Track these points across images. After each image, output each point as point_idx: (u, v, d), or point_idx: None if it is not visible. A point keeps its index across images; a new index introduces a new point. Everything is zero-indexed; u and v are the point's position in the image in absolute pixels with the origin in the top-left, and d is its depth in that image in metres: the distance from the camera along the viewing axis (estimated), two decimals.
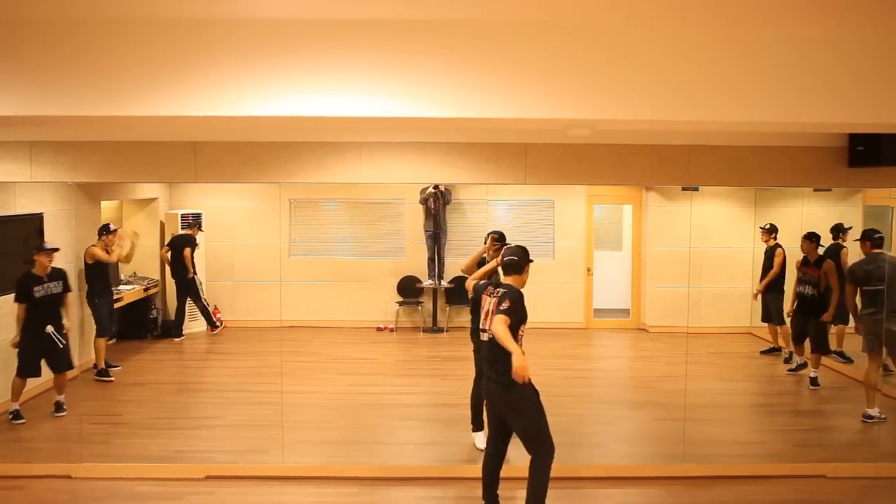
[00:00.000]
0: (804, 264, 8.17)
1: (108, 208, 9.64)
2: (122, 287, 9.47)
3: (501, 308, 4.47)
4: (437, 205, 10.23)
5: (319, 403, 7.38)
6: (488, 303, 4.69)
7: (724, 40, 2.95)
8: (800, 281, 8.15)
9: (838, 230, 8.31)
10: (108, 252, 7.86)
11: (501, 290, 4.60)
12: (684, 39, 2.95)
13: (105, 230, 7.90)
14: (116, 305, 9.24)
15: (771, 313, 8.92)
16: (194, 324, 10.29)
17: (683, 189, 9.79)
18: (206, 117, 3.03)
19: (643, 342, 10.17)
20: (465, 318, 9.29)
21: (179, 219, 10.20)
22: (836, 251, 8.21)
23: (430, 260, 10.33)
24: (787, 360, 8.71)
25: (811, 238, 8.06)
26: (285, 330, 9.40)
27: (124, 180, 7.97)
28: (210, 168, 5.75)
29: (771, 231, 9.07)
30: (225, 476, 5.60)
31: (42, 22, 2.93)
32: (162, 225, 10.36)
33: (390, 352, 9.55)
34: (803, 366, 8.23)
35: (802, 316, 8.00)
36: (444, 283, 10.28)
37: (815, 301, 7.84)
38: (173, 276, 10.03)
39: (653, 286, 10.58)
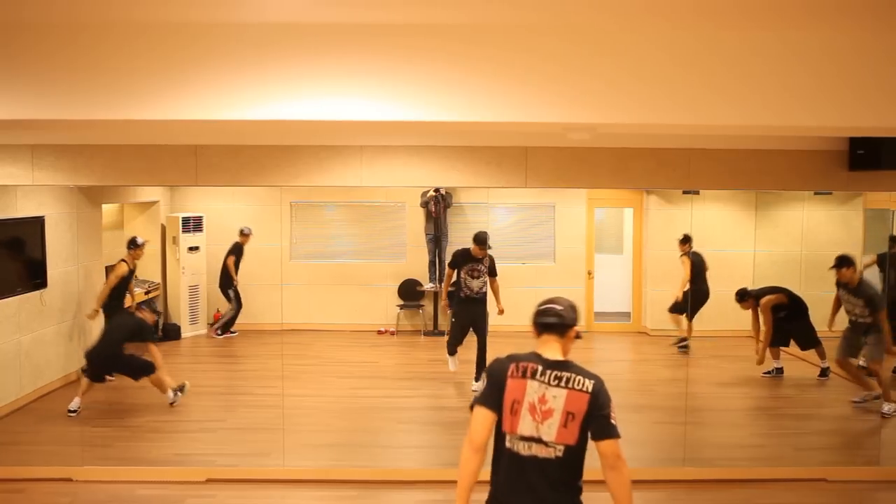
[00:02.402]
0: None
1: (108, 211, 9.66)
2: None
3: (608, 419, 2.89)
4: (437, 208, 10.23)
5: (320, 407, 7.39)
6: (535, 394, 2.89)
7: (722, 45, 2.96)
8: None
9: None
10: (133, 266, 7.91)
11: (583, 379, 2.89)
12: (683, 45, 2.96)
13: (133, 244, 7.95)
14: None
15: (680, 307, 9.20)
16: (194, 327, 10.30)
17: (684, 193, 9.78)
18: (207, 121, 3.03)
19: (644, 345, 10.17)
20: None
21: (180, 222, 10.21)
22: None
23: (431, 263, 10.33)
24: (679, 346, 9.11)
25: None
26: (286, 333, 9.41)
27: (125, 183, 8.00)
28: (211, 171, 5.76)
29: (684, 241, 9.22)
30: (226, 479, 5.60)
31: (43, 26, 2.94)
32: (163, 228, 10.37)
33: (391, 355, 9.55)
34: (781, 370, 8.30)
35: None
36: None
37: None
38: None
39: (653, 289, 10.58)
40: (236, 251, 10.18)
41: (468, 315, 7.70)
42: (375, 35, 2.92)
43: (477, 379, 7.55)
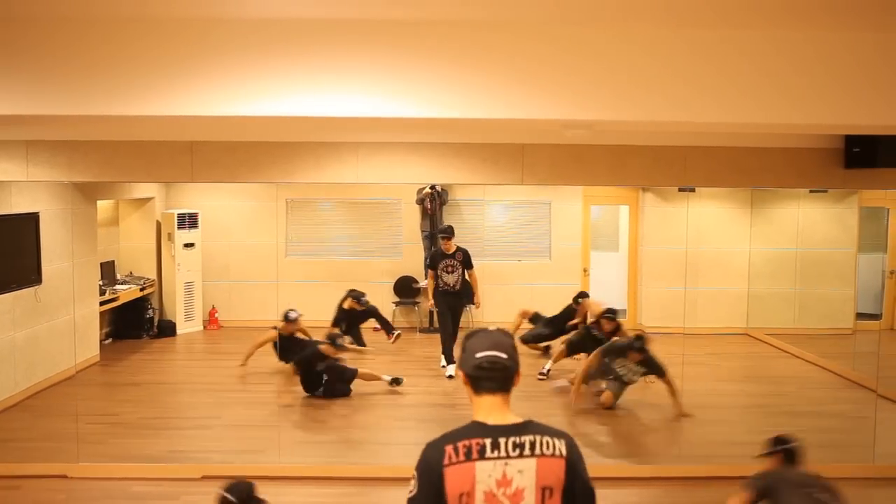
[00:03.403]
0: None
1: (104, 208, 9.64)
2: (118, 287, 9.47)
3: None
4: (433, 205, 10.23)
5: (315, 403, 7.38)
6: (490, 478, 2.11)
7: (720, 44, 2.96)
8: None
9: None
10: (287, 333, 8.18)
11: (552, 440, 2.15)
12: (680, 43, 2.95)
13: (286, 318, 8.19)
14: (113, 305, 9.25)
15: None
16: (189, 323, 10.29)
17: (680, 190, 9.81)
18: (204, 117, 3.02)
19: None
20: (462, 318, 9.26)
21: (175, 218, 10.20)
22: None
23: (426, 260, 10.33)
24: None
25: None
26: None
27: (121, 180, 7.97)
28: (207, 168, 5.74)
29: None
30: (221, 476, 5.55)
31: (38, 21, 2.93)
32: (158, 225, 10.35)
33: (387, 352, 9.54)
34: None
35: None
36: None
37: None
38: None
39: (649, 287, 10.60)
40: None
41: (449, 305, 8.37)
42: (372, 31, 2.92)
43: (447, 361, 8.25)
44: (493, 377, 2.16)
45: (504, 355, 2.17)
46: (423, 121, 3.07)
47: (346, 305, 9.30)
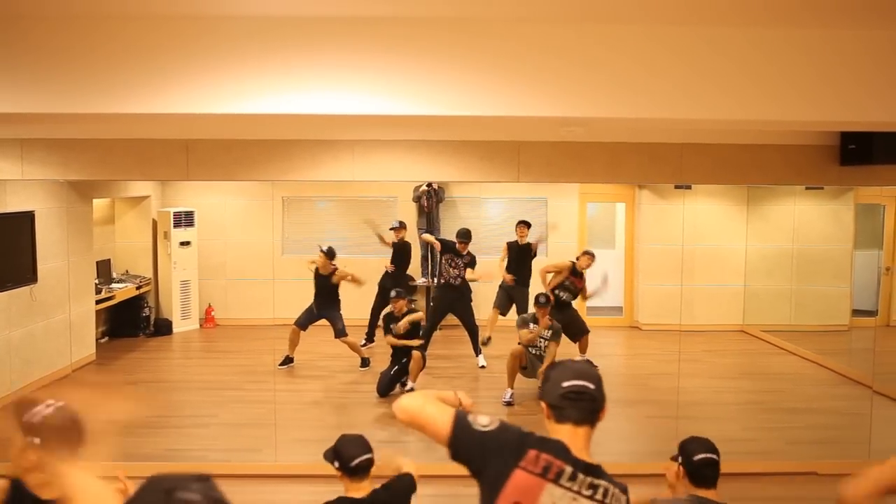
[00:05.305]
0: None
1: (99, 206, 9.61)
2: (114, 285, 9.46)
3: None
4: (430, 203, 10.22)
5: (312, 401, 7.38)
6: None
7: (714, 42, 2.96)
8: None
9: None
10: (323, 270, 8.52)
11: (620, 494, 2.01)
12: (676, 40, 2.96)
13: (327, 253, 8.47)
14: (109, 304, 9.24)
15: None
16: (186, 322, 10.27)
17: (676, 187, 9.82)
18: (199, 115, 3.01)
19: (636, 340, 10.20)
20: None
21: (171, 217, 10.18)
22: None
23: (424, 258, 10.32)
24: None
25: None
26: (278, 328, 9.37)
27: (116, 178, 7.97)
28: (202, 166, 5.73)
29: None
30: (218, 474, 5.54)
31: (34, 19, 2.92)
32: (154, 223, 10.33)
33: (384, 350, 9.53)
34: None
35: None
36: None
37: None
38: None
39: (645, 284, 10.61)
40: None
41: (446, 301, 8.58)
42: (368, 29, 2.91)
43: (478, 352, 8.54)
44: (580, 407, 2.02)
45: (592, 385, 2.04)
46: (419, 118, 3.06)
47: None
